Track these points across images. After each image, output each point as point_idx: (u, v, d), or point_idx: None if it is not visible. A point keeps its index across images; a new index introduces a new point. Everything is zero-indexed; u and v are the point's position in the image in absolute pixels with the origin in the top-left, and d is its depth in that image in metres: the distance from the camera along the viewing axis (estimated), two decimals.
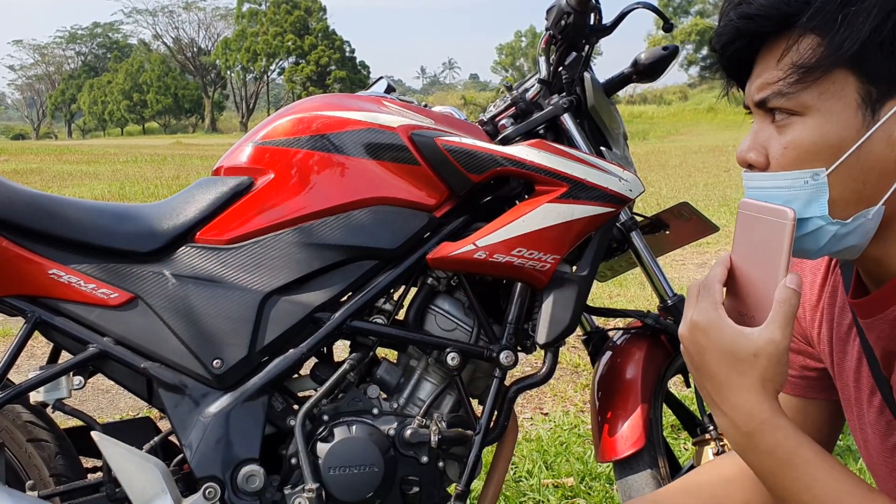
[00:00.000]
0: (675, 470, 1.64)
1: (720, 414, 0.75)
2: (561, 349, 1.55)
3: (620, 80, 1.69)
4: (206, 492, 1.28)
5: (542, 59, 1.57)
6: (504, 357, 1.39)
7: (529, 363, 3.21)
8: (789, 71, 0.71)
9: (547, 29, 1.52)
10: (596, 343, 1.72)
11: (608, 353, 1.63)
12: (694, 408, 1.71)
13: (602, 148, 1.57)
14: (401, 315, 1.46)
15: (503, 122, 1.58)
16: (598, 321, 1.77)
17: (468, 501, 1.39)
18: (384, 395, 1.44)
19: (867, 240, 0.74)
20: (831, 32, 0.68)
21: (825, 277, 0.90)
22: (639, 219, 1.63)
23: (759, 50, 0.74)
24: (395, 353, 1.51)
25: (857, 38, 0.67)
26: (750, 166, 0.77)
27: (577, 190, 1.35)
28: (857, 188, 0.71)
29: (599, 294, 4.49)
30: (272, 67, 60.82)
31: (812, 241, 0.74)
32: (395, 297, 1.44)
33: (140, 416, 1.90)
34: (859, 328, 0.83)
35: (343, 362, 1.38)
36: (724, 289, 0.77)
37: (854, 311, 0.83)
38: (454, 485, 1.40)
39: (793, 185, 0.72)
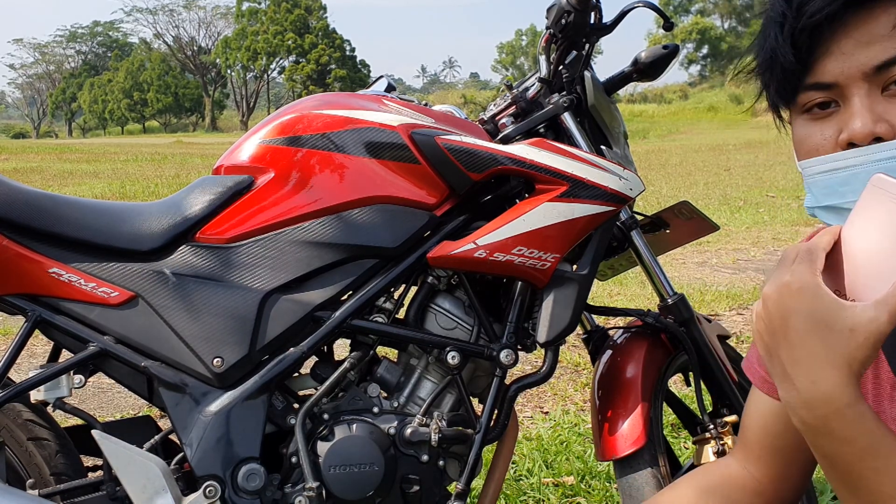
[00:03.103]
0: (676, 469, 1.64)
1: (791, 388, 0.68)
2: (561, 348, 1.55)
3: (621, 79, 1.70)
4: (207, 490, 1.28)
5: (542, 58, 1.57)
6: (504, 356, 1.39)
7: (530, 362, 3.21)
8: None
9: (547, 27, 1.52)
10: (596, 342, 1.72)
11: (608, 352, 1.63)
12: (694, 406, 1.70)
13: (602, 147, 1.57)
14: (401, 314, 1.46)
15: (503, 120, 1.58)
16: (599, 320, 1.77)
17: (468, 500, 1.39)
18: (384, 394, 1.44)
19: None
20: None
21: None
22: (639, 218, 1.63)
23: (835, 27, 0.72)
24: (396, 351, 1.51)
25: None
26: (876, 140, 0.72)
27: (578, 189, 1.35)
28: None
29: (600, 293, 4.50)
30: (272, 66, 60.84)
31: None
32: (396, 295, 1.44)
33: (140, 414, 1.90)
34: None
35: (343, 361, 1.38)
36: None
37: None
38: (454, 483, 1.41)
39: None
